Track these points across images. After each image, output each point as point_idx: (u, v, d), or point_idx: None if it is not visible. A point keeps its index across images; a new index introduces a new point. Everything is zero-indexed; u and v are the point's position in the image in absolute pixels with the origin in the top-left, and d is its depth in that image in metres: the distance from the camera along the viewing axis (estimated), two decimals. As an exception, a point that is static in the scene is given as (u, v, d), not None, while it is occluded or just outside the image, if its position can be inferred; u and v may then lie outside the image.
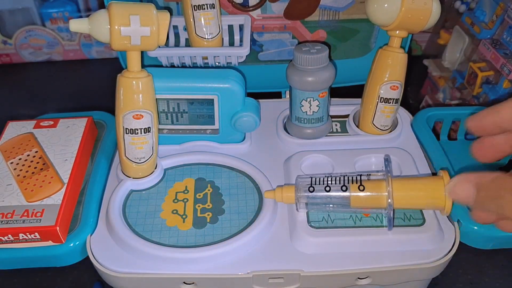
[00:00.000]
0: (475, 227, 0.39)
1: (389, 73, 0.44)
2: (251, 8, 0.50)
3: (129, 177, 0.43)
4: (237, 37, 0.50)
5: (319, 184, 0.39)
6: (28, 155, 0.43)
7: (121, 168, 0.43)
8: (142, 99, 0.39)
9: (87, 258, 0.39)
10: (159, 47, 0.38)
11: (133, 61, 0.38)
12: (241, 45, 0.48)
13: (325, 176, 0.39)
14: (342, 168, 0.44)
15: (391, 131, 0.48)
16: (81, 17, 0.60)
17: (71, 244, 0.39)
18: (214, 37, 0.47)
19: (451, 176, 0.38)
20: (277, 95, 0.56)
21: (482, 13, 0.52)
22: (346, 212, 0.40)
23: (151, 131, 0.41)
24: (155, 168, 0.44)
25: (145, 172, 0.43)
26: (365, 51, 0.54)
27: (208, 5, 0.45)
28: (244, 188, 0.43)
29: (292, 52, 0.45)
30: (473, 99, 0.53)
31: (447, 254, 0.37)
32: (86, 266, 0.39)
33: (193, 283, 0.37)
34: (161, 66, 0.48)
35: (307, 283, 0.37)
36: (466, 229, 0.39)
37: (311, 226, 0.39)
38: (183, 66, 0.48)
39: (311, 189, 0.39)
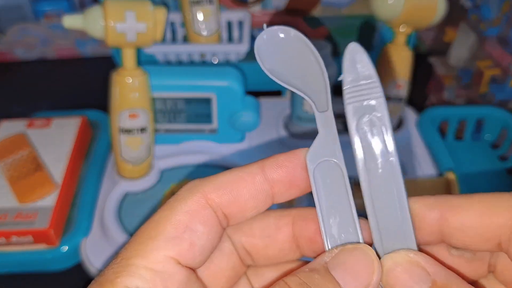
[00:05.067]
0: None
1: (393, 71, 0.43)
2: (250, 4, 0.49)
3: (125, 178, 0.42)
4: (236, 34, 0.49)
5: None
6: (21, 156, 0.42)
7: (116, 169, 0.43)
8: (137, 97, 0.39)
9: (81, 262, 0.38)
10: (156, 43, 0.38)
11: (129, 58, 0.38)
12: (240, 42, 0.47)
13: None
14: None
15: (395, 130, 0.47)
16: (75, 13, 0.59)
17: (65, 248, 0.38)
18: (212, 33, 0.46)
19: (457, 177, 0.37)
20: (278, 93, 0.55)
21: (488, 10, 0.51)
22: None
23: (147, 130, 0.40)
24: (152, 169, 0.43)
25: (141, 173, 0.42)
26: (368, 49, 0.53)
27: (207, 1, 0.45)
28: (244, 189, 0.42)
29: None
30: (480, 98, 0.52)
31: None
32: (80, 270, 0.38)
33: None
34: (158, 63, 0.48)
35: None
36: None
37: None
38: (180, 63, 0.48)
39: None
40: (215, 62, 0.47)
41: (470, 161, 0.47)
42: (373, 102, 0.16)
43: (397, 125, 0.48)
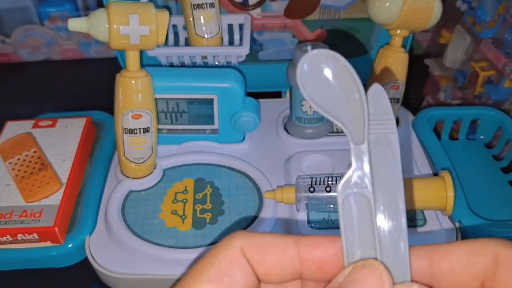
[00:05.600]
0: (477, 228, 0.38)
1: (390, 73, 0.43)
2: (251, 7, 0.49)
3: (128, 177, 0.42)
4: (237, 36, 0.50)
5: (320, 184, 0.38)
6: (26, 155, 0.43)
7: (120, 169, 0.43)
8: (141, 98, 0.39)
9: (86, 259, 0.38)
10: (158, 46, 0.38)
11: (132, 60, 0.38)
12: (241, 44, 0.47)
13: (326, 177, 0.39)
14: (343, 168, 0.44)
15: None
16: (79, 16, 0.60)
17: (70, 245, 0.38)
18: (213, 36, 0.47)
19: (452, 177, 0.38)
20: (277, 94, 0.55)
21: (484, 12, 0.52)
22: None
23: (150, 131, 0.41)
24: (154, 168, 0.43)
25: (144, 173, 0.43)
26: (365, 51, 0.54)
27: (208, 4, 0.45)
28: (244, 188, 0.42)
29: (292, 52, 0.45)
30: (475, 99, 0.53)
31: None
32: (84, 267, 0.38)
33: (192, 284, 0.37)
34: (160, 65, 0.48)
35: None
36: (468, 229, 0.39)
37: (311, 227, 0.38)
38: (182, 65, 0.48)
39: (312, 189, 0.38)
40: (217, 64, 0.48)
41: (465, 161, 0.47)
42: (387, 136, 0.17)
43: (394, 126, 0.49)
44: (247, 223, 0.39)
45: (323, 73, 0.17)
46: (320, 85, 0.17)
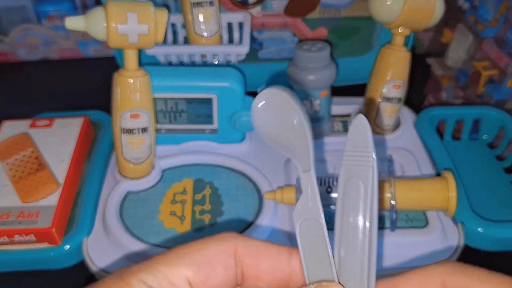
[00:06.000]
0: (479, 229, 0.38)
1: (391, 72, 0.43)
2: (251, 6, 0.49)
3: (127, 177, 0.42)
4: (236, 35, 0.49)
5: (320, 185, 0.38)
6: (24, 156, 0.43)
7: (118, 169, 0.43)
8: (139, 98, 0.39)
9: (83, 260, 0.38)
10: (157, 45, 0.38)
11: (130, 59, 0.38)
12: (240, 43, 0.47)
13: (327, 177, 0.39)
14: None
15: (393, 131, 0.47)
16: (78, 15, 0.60)
17: (67, 246, 0.38)
18: (213, 35, 0.47)
19: (455, 177, 0.38)
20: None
21: (486, 11, 0.52)
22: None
23: (148, 130, 0.40)
24: (153, 169, 0.43)
25: (143, 173, 0.42)
26: (367, 50, 0.53)
27: (207, 2, 0.45)
28: (244, 189, 0.42)
29: (292, 50, 0.45)
30: (477, 98, 0.53)
31: (451, 257, 0.37)
32: (82, 269, 0.38)
33: (191, 286, 0.36)
34: (159, 64, 0.48)
35: (308, 286, 0.36)
36: (470, 230, 0.38)
37: (312, 228, 0.38)
38: (181, 64, 0.48)
39: (312, 190, 0.38)
40: (216, 63, 0.48)
41: (467, 161, 0.47)
42: (363, 169, 0.18)
43: (395, 126, 0.48)
44: (247, 224, 0.39)
45: (271, 109, 0.19)
46: (270, 120, 0.19)
